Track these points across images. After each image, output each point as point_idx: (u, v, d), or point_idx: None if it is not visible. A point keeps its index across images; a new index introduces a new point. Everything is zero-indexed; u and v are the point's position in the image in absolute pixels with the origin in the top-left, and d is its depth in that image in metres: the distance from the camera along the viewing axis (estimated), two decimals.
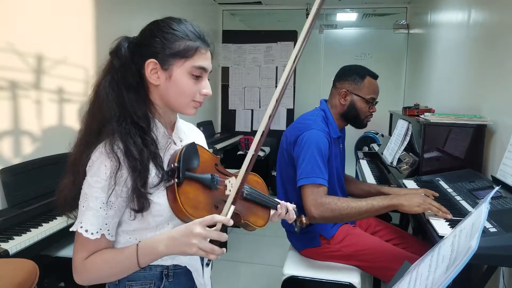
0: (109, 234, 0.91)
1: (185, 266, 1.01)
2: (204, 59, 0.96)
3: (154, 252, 0.89)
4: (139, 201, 0.89)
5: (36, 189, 1.91)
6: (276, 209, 1.18)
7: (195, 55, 0.94)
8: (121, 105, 0.92)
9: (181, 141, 1.05)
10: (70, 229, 0.91)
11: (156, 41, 0.93)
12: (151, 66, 0.93)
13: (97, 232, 0.88)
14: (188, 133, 1.12)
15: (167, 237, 0.88)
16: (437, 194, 1.64)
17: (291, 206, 1.24)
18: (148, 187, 0.90)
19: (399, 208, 1.49)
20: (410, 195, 1.54)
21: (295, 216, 1.25)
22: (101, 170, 0.87)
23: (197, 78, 0.96)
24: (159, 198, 0.92)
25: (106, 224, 0.89)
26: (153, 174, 0.92)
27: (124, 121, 0.91)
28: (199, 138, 1.16)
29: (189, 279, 1.02)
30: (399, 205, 1.48)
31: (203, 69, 0.96)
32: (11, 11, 1.87)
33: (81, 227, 0.88)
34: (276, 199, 1.21)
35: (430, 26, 3.57)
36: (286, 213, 1.21)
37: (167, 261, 0.98)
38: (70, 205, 0.95)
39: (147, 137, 0.93)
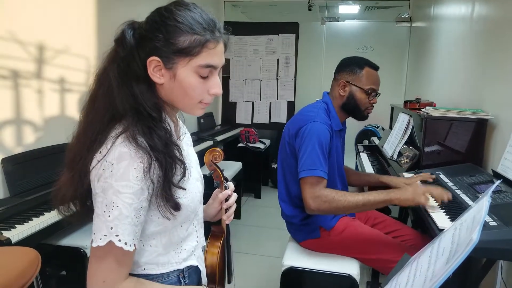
0: (138, 242, 0.83)
1: (197, 266, 1.00)
2: (212, 55, 0.83)
3: None
4: (172, 198, 0.82)
5: (38, 179, 1.91)
6: None
7: (202, 52, 0.82)
8: (133, 97, 0.82)
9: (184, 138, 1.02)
10: (96, 244, 0.76)
11: (158, 37, 0.81)
12: (153, 64, 0.82)
13: (132, 243, 0.79)
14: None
15: None
16: (434, 177, 1.67)
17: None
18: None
19: (395, 202, 1.51)
20: (405, 188, 1.54)
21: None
22: (130, 173, 0.77)
23: (206, 77, 0.85)
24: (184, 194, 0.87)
25: (136, 232, 0.80)
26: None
27: (141, 114, 0.81)
28: (189, 139, 1.11)
29: (199, 275, 1.03)
30: (395, 200, 1.50)
31: (211, 67, 0.84)
32: (13, 0, 1.86)
33: (119, 240, 0.76)
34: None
35: (433, 20, 3.55)
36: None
37: (181, 264, 0.95)
38: (68, 204, 0.87)
39: (164, 129, 0.85)
